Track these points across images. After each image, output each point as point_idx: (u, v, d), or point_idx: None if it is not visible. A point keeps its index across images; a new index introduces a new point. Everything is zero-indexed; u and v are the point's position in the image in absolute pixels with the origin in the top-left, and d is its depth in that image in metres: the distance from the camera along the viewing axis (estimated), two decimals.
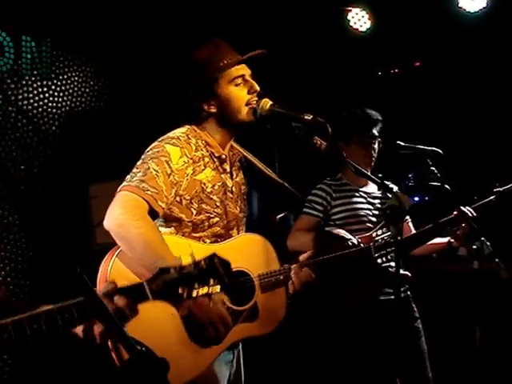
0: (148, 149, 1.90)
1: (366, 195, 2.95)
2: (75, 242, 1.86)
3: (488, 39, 3.75)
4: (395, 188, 2.91)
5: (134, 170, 1.83)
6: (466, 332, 3.23)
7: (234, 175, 2.07)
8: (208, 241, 1.94)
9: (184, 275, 1.33)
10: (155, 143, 1.91)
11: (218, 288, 1.35)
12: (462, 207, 2.63)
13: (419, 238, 2.72)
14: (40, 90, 2.77)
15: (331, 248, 2.29)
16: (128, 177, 1.82)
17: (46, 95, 2.79)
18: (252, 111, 1.98)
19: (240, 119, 1.98)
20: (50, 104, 2.79)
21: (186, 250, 1.71)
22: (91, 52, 2.94)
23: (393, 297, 2.76)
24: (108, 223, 1.74)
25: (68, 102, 2.85)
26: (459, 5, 3.60)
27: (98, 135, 2.81)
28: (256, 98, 2.00)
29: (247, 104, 1.98)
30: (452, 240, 2.69)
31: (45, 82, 2.79)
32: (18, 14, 2.69)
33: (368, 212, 2.90)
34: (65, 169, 2.65)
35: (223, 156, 2.00)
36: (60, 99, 2.83)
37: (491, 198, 2.70)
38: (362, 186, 2.97)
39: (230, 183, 2.03)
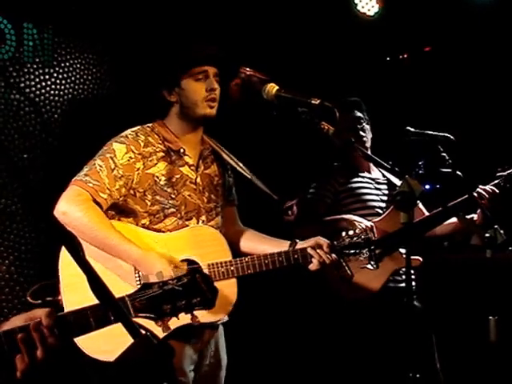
0: (102, 147, 2.09)
1: (372, 181, 2.92)
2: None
3: (500, 23, 3.67)
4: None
5: (84, 167, 2.04)
6: (479, 322, 3.17)
7: (202, 167, 2.19)
8: (168, 232, 2.05)
9: (166, 291, 1.33)
10: (107, 142, 2.10)
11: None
12: (478, 188, 2.60)
13: (429, 222, 2.67)
14: (42, 77, 2.73)
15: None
16: (79, 172, 2.03)
17: (48, 83, 2.75)
18: (209, 106, 2.11)
19: (197, 112, 2.13)
20: (53, 92, 2.75)
21: (133, 236, 1.95)
22: (93, 39, 2.90)
23: (401, 285, 2.73)
24: (55, 213, 1.93)
25: (70, 90, 2.81)
26: None
27: (101, 123, 2.77)
28: (214, 95, 2.12)
29: (204, 100, 2.11)
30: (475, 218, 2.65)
31: (47, 70, 2.75)
32: (19, 1, 2.65)
33: (377, 197, 2.87)
34: (67, 157, 2.61)
35: (182, 150, 2.14)
36: (62, 87, 2.79)
37: (497, 181, 2.66)
38: (367, 172, 2.94)
39: (193, 175, 2.15)
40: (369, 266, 2.27)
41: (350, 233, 2.22)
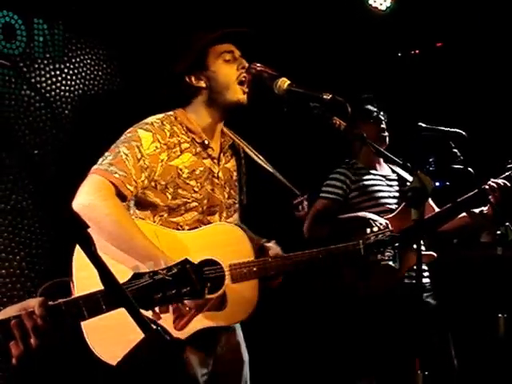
0: (123, 134, 1.92)
1: (383, 177, 2.90)
2: (88, 225, 1.84)
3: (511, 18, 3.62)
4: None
5: (106, 154, 1.88)
6: (488, 320, 3.15)
7: (223, 161, 2.08)
8: (187, 227, 1.95)
9: (157, 281, 1.32)
10: (130, 129, 1.93)
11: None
12: (489, 182, 2.56)
13: (440, 218, 2.64)
14: (52, 73, 2.74)
15: (356, 232, 2.21)
16: (100, 160, 1.86)
17: (59, 78, 2.75)
18: (242, 91, 1.99)
19: (228, 98, 1.99)
20: (63, 87, 2.76)
21: (151, 236, 1.83)
22: (104, 34, 2.89)
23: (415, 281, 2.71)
24: (76, 204, 1.78)
25: (81, 85, 2.82)
26: None
27: (111, 118, 2.77)
28: (245, 74, 2.00)
29: (237, 81, 1.99)
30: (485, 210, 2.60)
31: (57, 65, 2.75)
32: None
33: (388, 194, 2.86)
34: (78, 153, 2.62)
35: (206, 142, 2.01)
36: (73, 82, 2.79)
37: (508, 173, 2.62)
38: (377, 169, 2.92)
39: (215, 169, 2.04)
40: (391, 264, 2.21)
41: (375, 229, 2.14)
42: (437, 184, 3.42)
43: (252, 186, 2.27)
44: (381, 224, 2.49)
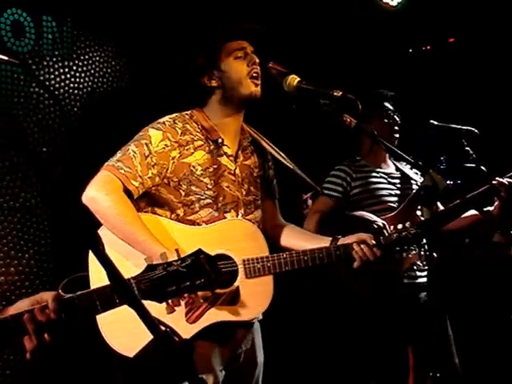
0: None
1: (385, 175, 2.88)
2: (97, 223, 1.84)
3: None
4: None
5: (117, 152, 1.95)
6: (501, 322, 3.11)
7: (241, 158, 2.09)
8: (203, 224, 1.96)
9: (171, 273, 1.31)
10: (144, 128, 2.00)
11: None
12: (496, 179, 2.52)
13: (447, 215, 2.60)
14: (61, 70, 2.74)
15: (354, 231, 2.17)
16: (111, 157, 1.94)
17: (68, 76, 2.75)
18: (254, 84, 2.01)
19: (242, 92, 2.01)
20: (72, 85, 2.76)
21: (163, 230, 1.87)
22: (112, 31, 2.89)
23: (416, 281, 2.70)
24: (84, 198, 1.87)
25: (90, 83, 2.81)
26: None
27: (120, 116, 2.76)
28: (257, 69, 2.01)
29: (249, 76, 2.00)
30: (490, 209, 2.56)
31: (66, 63, 2.75)
32: None
33: (390, 192, 2.84)
34: (87, 150, 2.61)
35: (220, 140, 2.03)
36: (81, 80, 2.79)
37: None
38: (381, 167, 2.90)
39: (231, 166, 2.05)
40: (418, 263, 2.17)
41: (399, 227, 2.08)
42: (449, 182, 3.38)
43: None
44: (378, 224, 2.47)
